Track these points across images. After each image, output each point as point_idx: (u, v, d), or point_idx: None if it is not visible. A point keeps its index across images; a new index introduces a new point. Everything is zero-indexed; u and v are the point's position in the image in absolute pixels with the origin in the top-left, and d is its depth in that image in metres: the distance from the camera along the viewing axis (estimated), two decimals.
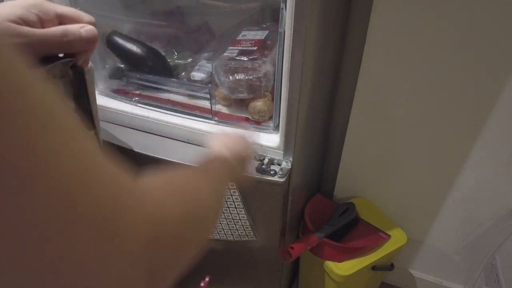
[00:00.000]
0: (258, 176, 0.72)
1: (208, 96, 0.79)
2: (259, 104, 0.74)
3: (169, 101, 0.84)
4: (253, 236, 0.83)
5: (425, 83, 0.86)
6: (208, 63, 0.84)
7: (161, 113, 0.83)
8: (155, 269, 0.22)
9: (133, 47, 0.83)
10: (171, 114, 0.82)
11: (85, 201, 0.17)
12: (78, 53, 0.34)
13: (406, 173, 1.02)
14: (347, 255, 0.89)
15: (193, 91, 0.83)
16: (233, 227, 0.83)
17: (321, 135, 1.05)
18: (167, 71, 0.86)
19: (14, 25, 0.30)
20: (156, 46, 0.91)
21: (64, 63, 0.32)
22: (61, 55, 0.34)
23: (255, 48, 0.73)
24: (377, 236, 0.94)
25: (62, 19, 0.33)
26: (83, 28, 0.33)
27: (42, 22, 0.32)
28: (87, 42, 0.33)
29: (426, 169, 0.99)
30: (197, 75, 0.82)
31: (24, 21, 0.31)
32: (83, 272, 0.17)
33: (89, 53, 0.36)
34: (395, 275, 1.21)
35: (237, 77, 0.72)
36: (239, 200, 0.76)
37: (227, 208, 0.80)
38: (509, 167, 0.89)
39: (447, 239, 1.09)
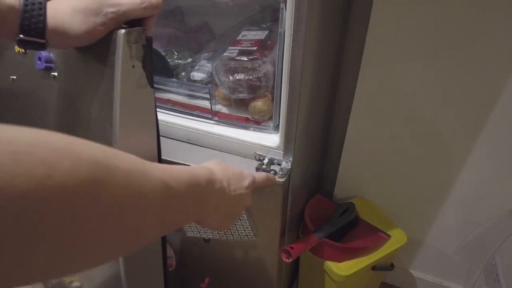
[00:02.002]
0: None
1: (208, 96, 0.79)
2: (259, 104, 0.74)
3: (169, 101, 0.84)
4: (253, 236, 0.83)
5: (425, 83, 0.86)
6: (208, 63, 0.84)
7: (161, 113, 0.83)
8: None
9: None
10: (171, 114, 0.82)
11: None
12: (147, 20, 0.43)
13: (406, 173, 1.02)
14: (347, 255, 0.89)
15: (193, 91, 0.83)
16: (233, 227, 0.83)
17: (321, 135, 1.05)
18: (167, 71, 0.86)
19: None
20: (156, 46, 0.91)
21: (140, 29, 0.41)
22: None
23: (255, 48, 0.73)
24: (377, 236, 0.94)
25: None
26: None
27: None
28: (156, 7, 0.42)
29: (426, 169, 0.99)
30: (197, 75, 0.82)
31: None
32: None
33: (153, 19, 0.44)
34: (395, 275, 1.22)
35: (237, 77, 0.72)
36: None
37: None
38: (509, 167, 0.89)
39: (447, 239, 1.09)
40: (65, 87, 0.49)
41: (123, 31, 0.40)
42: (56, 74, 0.49)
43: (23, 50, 0.51)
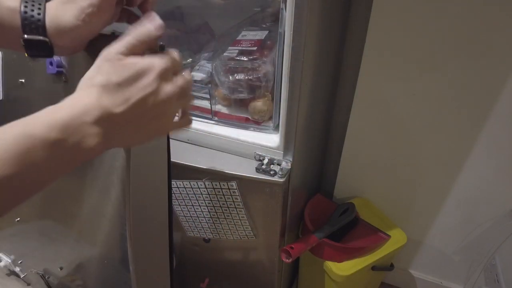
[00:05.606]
0: (258, 176, 0.72)
1: (208, 96, 0.79)
2: (259, 104, 0.74)
3: None
4: (253, 236, 0.83)
5: (424, 83, 0.86)
6: (208, 63, 0.84)
7: None
8: None
9: None
10: None
11: None
12: (147, 4, 0.44)
13: (406, 173, 1.02)
14: (347, 255, 0.89)
15: (193, 91, 0.83)
16: (233, 227, 0.83)
17: (321, 135, 1.05)
18: None
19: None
20: None
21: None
22: None
23: (255, 48, 0.73)
24: (377, 236, 0.94)
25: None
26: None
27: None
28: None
29: (426, 169, 0.99)
30: (197, 75, 0.82)
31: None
32: None
33: (153, 4, 0.44)
34: (395, 275, 1.21)
35: (237, 77, 0.72)
36: (239, 200, 0.76)
37: (227, 208, 0.80)
38: (509, 167, 0.89)
39: (447, 239, 1.09)
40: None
41: None
42: (67, 78, 0.49)
43: None
